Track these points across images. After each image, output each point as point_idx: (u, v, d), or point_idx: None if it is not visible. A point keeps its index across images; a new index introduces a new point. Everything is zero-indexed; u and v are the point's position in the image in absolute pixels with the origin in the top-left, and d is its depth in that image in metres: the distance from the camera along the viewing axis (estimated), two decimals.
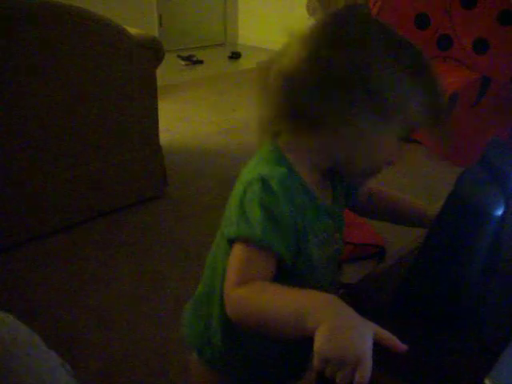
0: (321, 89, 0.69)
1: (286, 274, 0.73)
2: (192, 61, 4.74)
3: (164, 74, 3.37)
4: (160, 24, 4.92)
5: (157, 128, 2.32)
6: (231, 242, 0.73)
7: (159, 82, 2.30)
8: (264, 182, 0.71)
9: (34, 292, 1.78)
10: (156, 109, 2.29)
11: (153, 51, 2.17)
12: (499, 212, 0.63)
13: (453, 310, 0.68)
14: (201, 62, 4.78)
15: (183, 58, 4.75)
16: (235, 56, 5.08)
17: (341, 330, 0.58)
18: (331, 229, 0.80)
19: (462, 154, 2.67)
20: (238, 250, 0.71)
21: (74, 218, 2.15)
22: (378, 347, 0.58)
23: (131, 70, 2.14)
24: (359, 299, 0.65)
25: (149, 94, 2.24)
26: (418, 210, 0.93)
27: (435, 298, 0.69)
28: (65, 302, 1.74)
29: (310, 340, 0.59)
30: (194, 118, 3.44)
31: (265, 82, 0.76)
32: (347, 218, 0.88)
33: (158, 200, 2.38)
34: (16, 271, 1.88)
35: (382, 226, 1.94)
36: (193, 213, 2.32)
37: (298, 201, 0.72)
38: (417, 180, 2.61)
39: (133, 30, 2.13)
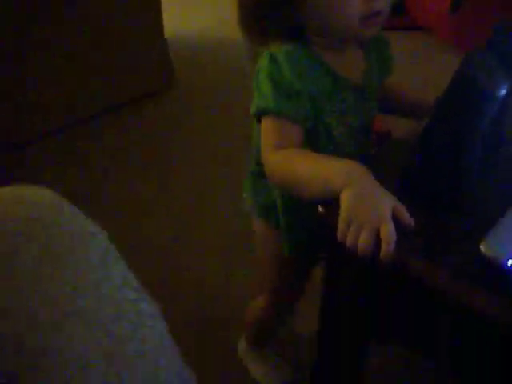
0: None
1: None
2: None
3: None
4: None
5: (161, 19, 2.27)
6: (258, 118, 0.80)
7: None
8: (271, 55, 0.77)
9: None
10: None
11: None
12: (502, 92, 0.65)
13: (455, 189, 0.72)
14: None
15: None
16: None
17: (365, 194, 0.65)
18: (353, 100, 0.83)
19: (475, 42, 2.61)
20: (264, 124, 0.79)
21: (82, 113, 2.15)
22: None
23: None
24: None
25: None
26: (424, 102, 0.95)
27: (437, 178, 0.73)
28: (78, 196, 1.80)
29: None
30: (197, 8, 3.34)
31: None
32: None
33: (167, 92, 2.36)
34: (28, 168, 1.92)
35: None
36: (203, 103, 2.31)
37: (309, 71, 0.78)
38: (426, 68, 2.57)
39: None
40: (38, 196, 0.43)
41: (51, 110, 2.06)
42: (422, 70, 2.54)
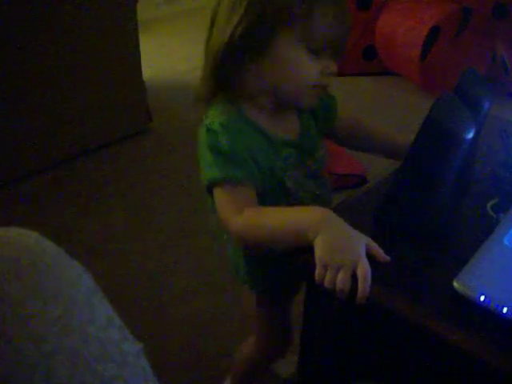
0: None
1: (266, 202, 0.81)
2: None
3: (144, 8, 3.30)
4: None
5: (139, 63, 2.31)
6: (210, 191, 0.81)
7: (139, 17, 2.27)
8: (207, 127, 0.80)
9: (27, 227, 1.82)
10: (138, 44, 2.27)
11: None
12: (470, 135, 0.68)
13: (427, 226, 0.74)
14: None
15: None
16: None
17: (337, 237, 0.66)
18: (296, 156, 0.86)
19: (443, 86, 2.71)
20: (217, 193, 0.80)
21: (60, 156, 2.16)
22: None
23: (111, 3, 2.11)
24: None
25: (130, 28, 2.22)
26: (395, 141, 0.98)
27: (412, 217, 0.75)
28: (57, 235, 1.78)
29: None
30: (174, 53, 3.40)
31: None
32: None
33: (144, 135, 2.40)
34: (5, 208, 1.92)
35: (363, 157, 2.00)
36: (179, 146, 2.35)
37: (245, 135, 0.80)
38: (397, 111, 2.65)
39: None
40: (23, 237, 0.44)
41: (30, 152, 2.06)
42: (394, 113, 2.61)
